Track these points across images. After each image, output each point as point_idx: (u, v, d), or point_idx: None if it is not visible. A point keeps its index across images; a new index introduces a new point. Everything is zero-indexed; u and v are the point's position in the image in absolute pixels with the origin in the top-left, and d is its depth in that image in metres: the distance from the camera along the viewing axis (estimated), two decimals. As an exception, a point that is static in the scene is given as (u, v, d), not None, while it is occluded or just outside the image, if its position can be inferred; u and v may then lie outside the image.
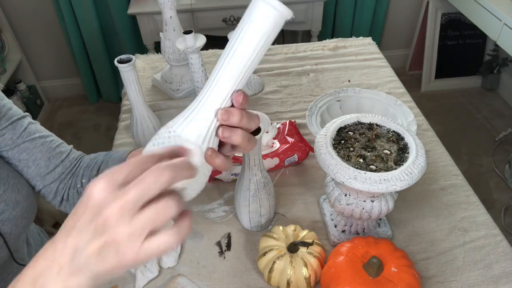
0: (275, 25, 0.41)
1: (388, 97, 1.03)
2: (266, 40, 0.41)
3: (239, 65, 0.42)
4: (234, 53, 0.42)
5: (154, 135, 0.45)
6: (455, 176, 0.92)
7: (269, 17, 0.40)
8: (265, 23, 0.40)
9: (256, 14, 0.40)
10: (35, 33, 2.34)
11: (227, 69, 0.42)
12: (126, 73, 0.87)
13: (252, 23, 0.40)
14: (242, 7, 1.94)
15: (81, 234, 0.34)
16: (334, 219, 0.81)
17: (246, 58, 0.41)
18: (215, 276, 0.75)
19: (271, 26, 0.40)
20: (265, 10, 0.40)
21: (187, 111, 0.44)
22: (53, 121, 2.48)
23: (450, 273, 0.74)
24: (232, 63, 0.42)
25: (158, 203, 0.34)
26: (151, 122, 0.98)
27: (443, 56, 2.49)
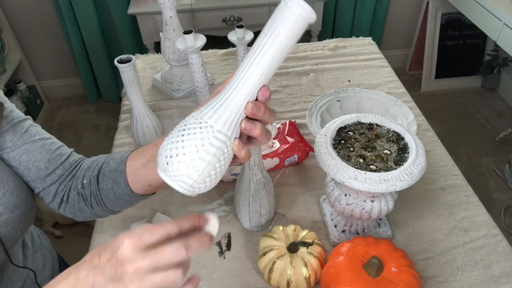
0: (303, 27, 0.44)
1: (388, 97, 1.03)
2: (294, 41, 0.44)
3: (270, 63, 0.44)
4: (266, 51, 0.44)
5: (181, 123, 0.46)
6: (455, 176, 0.92)
7: (301, 20, 0.43)
8: (297, 26, 0.43)
9: (289, 17, 0.43)
10: (35, 33, 2.34)
11: (259, 66, 0.44)
12: (126, 73, 0.87)
13: (285, 25, 0.43)
14: (242, 7, 1.95)
15: (101, 275, 0.41)
16: (334, 219, 0.81)
17: (277, 56, 0.44)
18: (215, 276, 0.75)
19: (301, 29, 0.43)
20: (298, 13, 0.42)
21: (215, 101, 0.46)
22: (53, 121, 2.48)
23: (450, 273, 0.74)
24: (263, 60, 0.44)
25: (168, 272, 0.41)
26: (151, 122, 0.98)
27: (443, 56, 2.49)
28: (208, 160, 0.44)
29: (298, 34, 0.44)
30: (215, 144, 0.44)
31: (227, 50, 1.36)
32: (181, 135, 0.45)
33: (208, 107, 0.46)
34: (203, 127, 0.45)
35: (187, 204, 0.88)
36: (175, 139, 0.45)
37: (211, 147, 0.44)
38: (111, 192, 0.65)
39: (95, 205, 0.67)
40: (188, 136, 0.44)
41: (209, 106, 0.46)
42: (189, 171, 0.44)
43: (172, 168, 0.44)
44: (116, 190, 0.64)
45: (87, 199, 0.67)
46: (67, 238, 1.82)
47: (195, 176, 0.44)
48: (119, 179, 0.63)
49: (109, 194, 0.65)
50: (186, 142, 0.44)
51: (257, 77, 0.44)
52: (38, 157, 0.66)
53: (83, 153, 0.75)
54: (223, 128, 0.45)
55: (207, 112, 0.45)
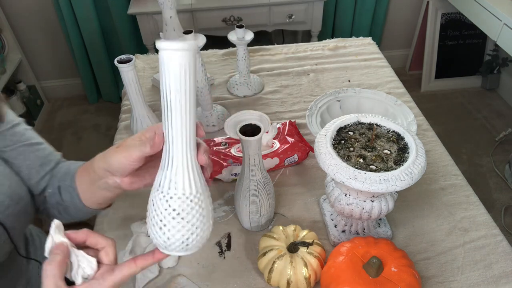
0: (185, 61, 0.42)
1: (388, 97, 1.03)
2: (189, 75, 0.43)
3: (183, 113, 0.44)
4: (171, 107, 0.44)
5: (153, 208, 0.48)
6: (455, 176, 0.92)
7: (175, 59, 0.42)
8: (175, 67, 0.42)
9: (165, 66, 0.42)
10: (35, 33, 2.34)
11: (175, 123, 0.45)
12: (126, 73, 0.87)
13: (168, 73, 0.42)
14: (242, 7, 1.94)
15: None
16: (334, 219, 0.81)
17: (184, 100, 0.44)
18: (215, 276, 0.75)
19: (182, 65, 0.42)
20: (169, 56, 0.42)
21: (163, 170, 0.47)
22: (53, 121, 2.48)
23: (450, 273, 0.74)
24: (176, 117, 0.44)
25: None
26: (151, 122, 0.98)
27: (443, 56, 2.49)
28: (185, 225, 0.47)
29: (186, 68, 0.42)
30: (185, 209, 0.47)
31: (227, 50, 1.36)
32: (158, 220, 0.47)
33: (162, 177, 0.47)
34: (168, 199, 0.46)
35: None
36: (156, 223, 0.47)
37: (184, 214, 0.46)
38: (71, 204, 0.65)
39: (57, 214, 0.68)
40: (155, 216, 0.47)
41: (162, 176, 0.47)
42: (178, 244, 0.48)
43: (168, 246, 0.48)
44: (74, 203, 0.65)
45: (54, 207, 0.68)
46: (67, 238, 1.82)
47: (186, 241, 0.47)
48: (74, 195, 0.64)
49: (69, 206, 0.66)
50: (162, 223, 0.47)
51: (181, 131, 0.45)
52: (33, 160, 0.67)
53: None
54: (184, 191, 0.46)
55: (164, 184, 0.47)
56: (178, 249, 0.48)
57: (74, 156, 0.75)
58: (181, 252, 0.48)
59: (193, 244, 0.48)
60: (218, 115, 1.07)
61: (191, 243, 0.48)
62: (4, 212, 0.59)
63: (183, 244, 0.48)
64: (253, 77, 1.20)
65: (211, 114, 1.06)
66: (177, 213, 0.46)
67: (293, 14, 2.02)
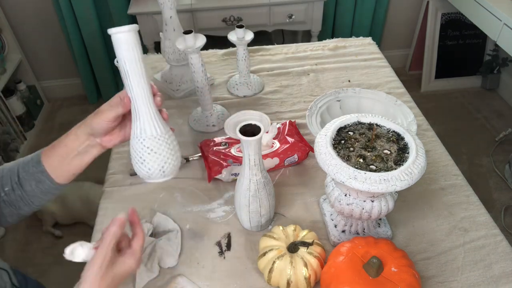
0: (130, 38, 0.60)
1: (388, 97, 1.03)
2: (135, 48, 0.60)
3: (138, 78, 0.61)
4: (129, 73, 0.60)
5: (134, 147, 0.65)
6: (455, 176, 0.92)
7: (123, 38, 0.59)
8: (124, 44, 0.59)
9: (118, 45, 0.60)
10: (35, 33, 2.34)
11: (134, 85, 0.61)
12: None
13: (121, 49, 0.60)
14: (242, 7, 1.94)
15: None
16: (334, 219, 0.81)
17: (136, 69, 0.60)
18: (215, 276, 0.75)
19: (128, 42, 0.59)
20: (118, 37, 0.60)
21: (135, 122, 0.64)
22: (53, 121, 2.48)
23: (450, 273, 0.74)
24: (133, 81, 0.61)
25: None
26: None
27: (443, 56, 2.49)
28: (158, 157, 0.64)
29: (133, 43, 0.59)
30: (155, 145, 0.63)
31: (227, 50, 1.36)
32: (139, 158, 0.64)
33: (135, 127, 0.64)
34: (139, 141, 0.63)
35: (187, 204, 0.88)
36: (138, 160, 0.64)
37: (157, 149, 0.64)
38: (38, 190, 0.69)
39: (22, 206, 0.70)
40: (136, 156, 0.65)
41: (135, 127, 0.64)
42: (157, 172, 0.65)
43: (150, 175, 0.65)
44: (42, 188, 0.69)
45: (12, 204, 0.70)
46: (67, 238, 1.82)
47: (162, 169, 0.65)
48: (42, 178, 0.68)
49: (36, 193, 0.69)
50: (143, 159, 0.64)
51: (139, 90, 0.61)
52: None
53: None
54: (152, 133, 0.63)
55: (137, 132, 0.63)
56: (158, 176, 0.65)
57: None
58: (161, 178, 0.65)
59: (168, 171, 0.65)
60: (218, 115, 1.07)
61: (167, 170, 0.65)
62: None
63: (161, 172, 0.65)
64: (253, 77, 1.20)
65: (211, 114, 1.06)
66: (151, 149, 0.63)
67: (293, 14, 2.02)
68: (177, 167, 0.67)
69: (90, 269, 0.56)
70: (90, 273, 0.56)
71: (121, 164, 0.98)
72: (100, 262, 0.56)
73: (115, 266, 0.58)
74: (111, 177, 0.95)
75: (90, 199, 1.76)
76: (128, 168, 0.97)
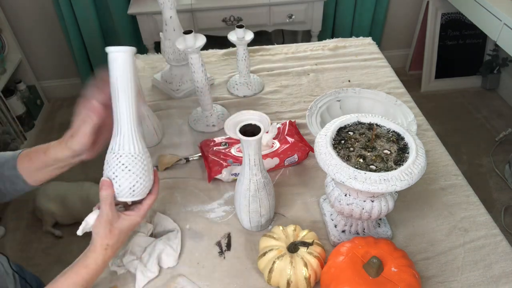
0: (126, 59, 0.61)
1: (388, 97, 1.03)
2: (129, 68, 0.61)
3: (125, 93, 0.62)
4: (119, 90, 0.62)
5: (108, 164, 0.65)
6: (455, 176, 0.92)
7: (119, 57, 0.61)
8: (119, 63, 0.61)
9: (113, 63, 0.61)
10: (35, 33, 2.34)
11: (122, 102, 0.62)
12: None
13: (116, 67, 0.61)
14: (242, 7, 1.94)
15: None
16: (334, 219, 0.81)
17: (127, 87, 0.62)
18: (215, 276, 0.75)
19: (124, 61, 0.61)
20: (115, 56, 0.60)
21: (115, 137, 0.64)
22: (53, 121, 2.48)
23: (450, 273, 0.74)
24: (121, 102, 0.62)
25: None
26: (151, 123, 0.98)
27: (443, 56, 2.49)
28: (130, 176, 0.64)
29: (129, 64, 0.61)
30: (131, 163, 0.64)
31: (227, 50, 1.36)
32: (111, 173, 0.64)
33: (114, 143, 0.64)
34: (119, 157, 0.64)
35: (187, 204, 0.88)
36: (110, 175, 0.64)
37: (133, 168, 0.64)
38: (11, 189, 0.72)
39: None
40: (109, 171, 0.64)
41: (114, 142, 0.64)
42: (127, 190, 0.65)
43: (119, 193, 0.65)
44: (15, 187, 0.72)
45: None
46: (67, 238, 1.82)
47: (133, 188, 0.64)
48: (16, 181, 0.71)
49: (9, 191, 0.73)
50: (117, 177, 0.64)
51: (126, 107, 0.62)
52: None
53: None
54: (130, 150, 0.63)
55: (115, 147, 0.64)
56: (127, 195, 0.64)
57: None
58: (129, 197, 0.65)
59: (138, 191, 0.65)
60: (218, 115, 1.07)
61: (137, 190, 0.65)
62: None
63: (131, 190, 0.64)
64: (253, 77, 1.20)
65: (211, 114, 1.06)
66: (125, 166, 0.63)
67: (293, 14, 2.02)
68: (147, 189, 0.67)
69: (96, 228, 0.63)
70: (97, 231, 0.63)
71: (121, 164, 0.98)
72: (104, 221, 0.63)
73: (120, 221, 0.64)
74: (111, 177, 0.95)
75: (90, 199, 1.76)
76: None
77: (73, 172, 1.11)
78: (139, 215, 0.67)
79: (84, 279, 0.62)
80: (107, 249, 0.63)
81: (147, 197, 0.68)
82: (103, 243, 0.63)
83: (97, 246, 0.63)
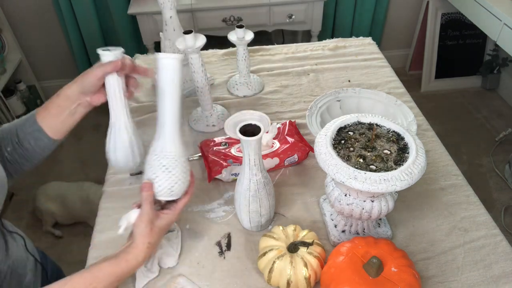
0: (176, 65, 0.66)
1: (388, 97, 1.03)
2: (178, 74, 0.66)
3: (172, 96, 0.67)
4: (165, 93, 0.66)
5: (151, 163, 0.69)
6: (455, 176, 0.92)
7: (169, 64, 0.65)
8: (169, 69, 0.65)
9: (163, 68, 0.65)
10: (35, 33, 2.34)
11: (168, 105, 0.67)
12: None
13: (166, 72, 0.65)
14: (242, 7, 1.94)
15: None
16: (334, 219, 0.81)
17: (173, 91, 0.67)
18: (215, 276, 0.75)
19: (174, 68, 0.66)
20: (166, 62, 0.65)
21: (157, 140, 0.69)
22: (53, 121, 2.48)
23: (450, 273, 0.74)
24: (168, 99, 0.67)
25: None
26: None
27: (443, 56, 2.49)
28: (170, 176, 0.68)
29: (176, 69, 0.66)
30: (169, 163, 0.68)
31: (227, 50, 1.36)
32: (152, 174, 0.68)
33: (156, 144, 0.68)
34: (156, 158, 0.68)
35: (187, 204, 0.88)
36: (151, 176, 0.68)
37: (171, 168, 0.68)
38: (36, 147, 0.75)
39: (25, 162, 0.77)
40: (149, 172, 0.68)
41: (156, 144, 0.68)
42: (166, 190, 0.68)
43: (158, 192, 0.68)
44: (40, 144, 0.75)
45: (16, 162, 0.77)
46: (67, 238, 1.82)
47: (171, 188, 0.68)
48: (39, 136, 0.75)
49: (35, 149, 0.76)
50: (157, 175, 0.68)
51: (170, 110, 0.67)
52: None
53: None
54: (171, 153, 0.67)
55: (157, 148, 0.68)
56: (165, 195, 0.68)
57: (75, 156, 0.76)
58: (168, 197, 0.68)
59: (176, 191, 0.68)
60: (218, 115, 1.07)
61: (175, 190, 0.68)
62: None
63: (169, 191, 0.68)
64: (253, 77, 1.20)
65: (211, 114, 1.06)
66: (166, 168, 0.66)
67: (293, 14, 2.02)
68: (184, 190, 0.70)
69: (138, 227, 0.66)
70: (140, 230, 0.66)
71: (121, 164, 0.98)
72: (145, 220, 0.66)
73: (159, 220, 0.68)
74: (111, 177, 0.95)
75: (90, 199, 1.76)
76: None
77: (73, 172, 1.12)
78: (175, 214, 0.70)
79: (122, 272, 0.64)
80: (148, 247, 0.66)
81: (182, 197, 0.71)
82: (145, 241, 0.65)
83: (139, 243, 0.65)
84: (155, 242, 0.67)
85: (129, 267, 0.64)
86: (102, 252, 0.79)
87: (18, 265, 0.77)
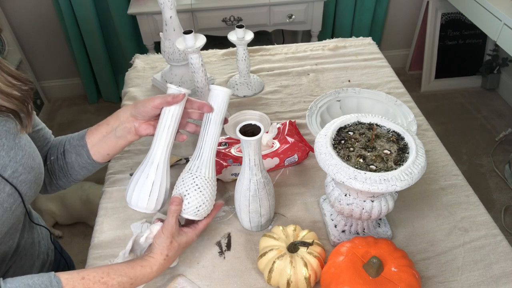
0: (225, 97, 0.72)
1: (388, 97, 1.03)
2: (225, 104, 0.72)
3: (216, 124, 0.72)
4: (211, 121, 0.72)
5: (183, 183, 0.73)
6: (455, 176, 0.92)
7: (220, 95, 0.71)
8: (220, 100, 0.72)
9: (215, 99, 0.71)
10: (35, 33, 2.34)
11: (210, 131, 0.72)
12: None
13: (216, 102, 0.71)
14: (242, 7, 1.94)
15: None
16: (334, 219, 0.81)
17: (218, 120, 0.72)
18: (215, 276, 0.75)
19: (223, 99, 0.72)
20: (217, 93, 0.71)
21: (194, 160, 0.73)
22: (53, 121, 2.48)
23: (450, 273, 0.74)
24: (212, 126, 0.72)
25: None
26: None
27: (443, 56, 2.49)
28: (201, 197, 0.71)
29: (225, 100, 0.72)
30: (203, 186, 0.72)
31: (227, 50, 1.36)
32: (184, 190, 0.71)
33: (192, 164, 0.73)
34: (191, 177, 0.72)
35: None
36: (182, 192, 0.71)
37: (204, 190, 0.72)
38: (76, 163, 0.77)
39: (61, 176, 0.78)
40: (182, 188, 0.72)
41: (192, 164, 0.73)
42: (193, 209, 0.72)
43: (186, 209, 0.71)
44: (79, 161, 0.76)
45: (54, 173, 0.78)
46: (67, 238, 1.82)
47: (199, 207, 0.72)
48: (81, 152, 0.76)
49: (74, 165, 0.77)
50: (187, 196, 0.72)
51: (212, 136, 0.72)
52: (41, 142, 0.76)
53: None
54: (205, 174, 0.72)
55: (193, 168, 0.72)
56: (191, 213, 0.71)
57: (74, 156, 0.77)
58: (193, 216, 0.71)
59: (201, 212, 0.71)
60: (218, 115, 1.07)
61: (201, 210, 0.71)
62: (18, 178, 0.64)
63: (196, 210, 0.71)
64: (253, 77, 1.20)
65: (211, 114, 1.06)
66: (198, 187, 0.70)
67: (293, 14, 2.02)
68: (207, 213, 0.73)
69: (159, 238, 0.68)
70: (160, 241, 0.68)
71: (121, 164, 0.98)
72: (167, 233, 0.68)
73: (179, 236, 0.70)
74: (111, 177, 0.95)
75: (90, 199, 1.76)
76: (128, 168, 0.97)
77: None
78: (196, 233, 0.72)
79: (135, 275, 0.64)
80: (165, 259, 0.67)
81: (204, 219, 0.73)
82: (163, 253, 0.67)
83: (157, 254, 0.67)
84: (172, 256, 0.68)
85: (143, 273, 0.65)
86: (102, 252, 0.79)
87: (41, 252, 0.80)
